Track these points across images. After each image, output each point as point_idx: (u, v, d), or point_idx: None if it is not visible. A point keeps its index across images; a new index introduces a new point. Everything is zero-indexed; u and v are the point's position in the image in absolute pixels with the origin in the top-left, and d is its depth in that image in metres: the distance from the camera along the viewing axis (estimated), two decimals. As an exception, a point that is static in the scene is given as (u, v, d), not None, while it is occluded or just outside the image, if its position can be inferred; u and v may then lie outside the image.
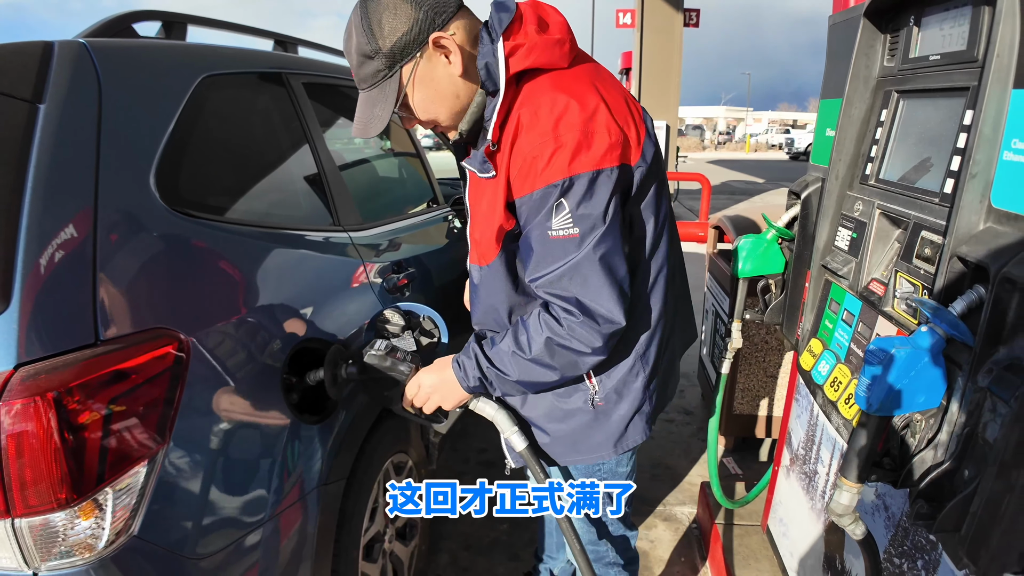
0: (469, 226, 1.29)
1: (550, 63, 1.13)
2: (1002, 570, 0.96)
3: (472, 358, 1.24)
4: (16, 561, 1.00)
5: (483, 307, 1.30)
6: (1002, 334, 0.93)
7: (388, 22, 1.08)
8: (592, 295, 1.12)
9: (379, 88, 1.13)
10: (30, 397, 0.94)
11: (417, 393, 1.32)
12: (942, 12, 1.27)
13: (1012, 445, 0.90)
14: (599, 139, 1.07)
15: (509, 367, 1.20)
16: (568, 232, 1.09)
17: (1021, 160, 0.97)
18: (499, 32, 1.10)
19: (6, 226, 1.00)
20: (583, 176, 1.06)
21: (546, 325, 1.16)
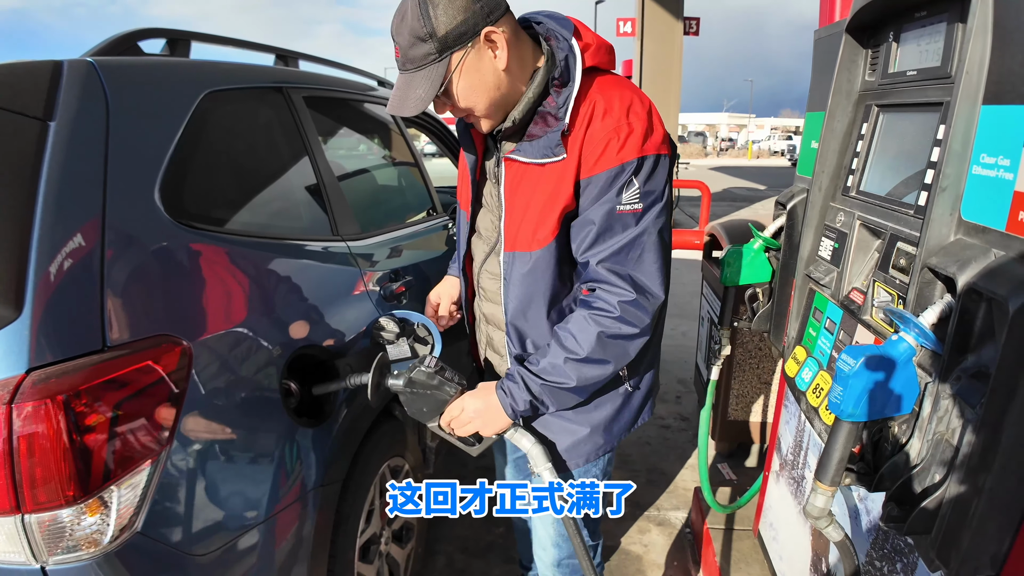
0: (505, 218, 1.33)
1: (604, 65, 1.28)
2: (975, 573, 1.00)
3: (519, 382, 1.27)
4: (25, 555, 1.05)
5: (523, 298, 1.33)
6: (969, 343, 0.97)
7: (445, 9, 1.11)
8: (645, 271, 1.23)
9: (425, 71, 1.16)
10: (41, 400, 0.99)
11: (458, 416, 1.33)
12: (919, 28, 1.32)
13: (978, 450, 0.94)
14: (657, 128, 1.24)
15: (564, 375, 1.25)
16: (633, 207, 1.21)
17: (989, 174, 1.01)
18: (569, 34, 1.24)
19: (19, 237, 1.05)
20: (650, 157, 1.21)
21: (593, 320, 1.23)
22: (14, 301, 1.02)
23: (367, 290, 1.85)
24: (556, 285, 1.30)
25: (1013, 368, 0.88)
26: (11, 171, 1.09)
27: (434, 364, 1.34)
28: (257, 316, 1.40)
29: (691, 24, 12.10)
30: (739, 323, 1.97)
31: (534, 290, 1.30)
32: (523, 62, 1.23)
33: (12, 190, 1.08)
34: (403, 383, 1.35)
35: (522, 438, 1.34)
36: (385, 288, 1.95)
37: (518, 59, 1.22)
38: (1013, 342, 0.86)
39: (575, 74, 1.21)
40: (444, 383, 1.33)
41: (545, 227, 1.25)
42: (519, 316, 1.35)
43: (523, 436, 1.34)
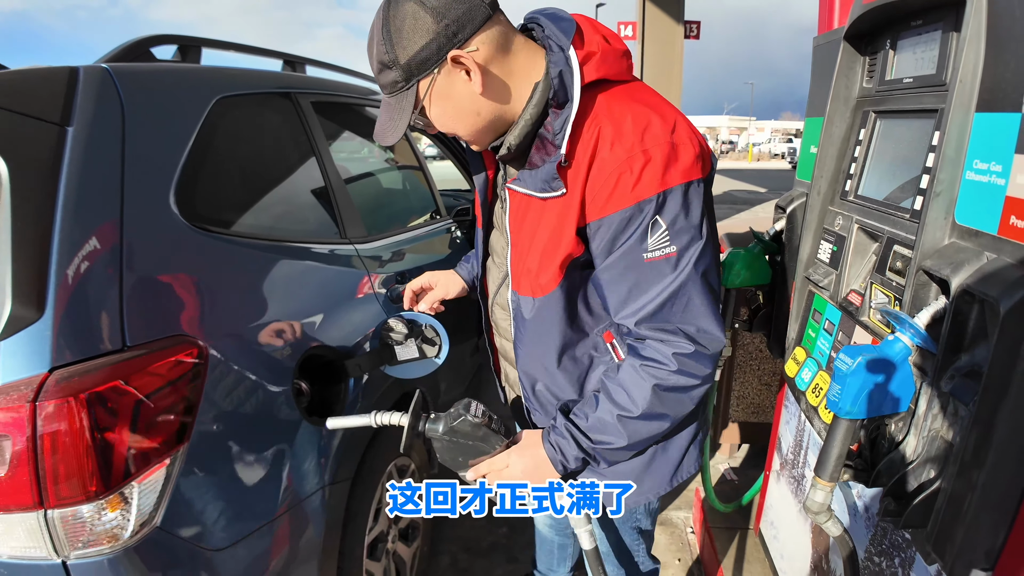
0: (510, 253, 1.19)
1: (618, 75, 1.08)
2: (970, 566, 1.03)
3: (568, 437, 1.14)
4: (46, 550, 1.08)
5: (531, 346, 1.22)
6: (962, 343, 1.01)
7: (407, 33, 1.00)
8: (698, 319, 1.05)
9: (396, 98, 1.06)
10: (64, 398, 1.02)
11: (501, 471, 1.19)
12: (915, 36, 1.35)
13: (972, 446, 0.97)
14: (684, 150, 1.02)
15: (616, 434, 1.11)
16: (665, 252, 1.02)
17: (982, 180, 1.05)
18: (567, 41, 1.04)
19: (40, 241, 1.09)
20: (676, 189, 1.00)
21: (647, 373, 1.07)
22: (36, 302, 1.06)
23: (374, 292, 1.89)
24: (567, 333, 1.17)
25: (1005, 367, 0.91)
26: (31, 175, 1.12)
27: (481, 413, 1.21)
28: (269, 317, 1.44)
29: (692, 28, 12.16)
30: (739, 325, 2.01)
31: (547, 337, 1.18)
32: (515, 78, 1.07)
33: (32, 194, 1.11)
34: (442, 430, 1.21)
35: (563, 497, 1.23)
36: (391, 290, 1.99)
37: (505, 76, 1.06)
38: (1004, 342, 0.90)
39: (572, 92, 1.03)
40: (490, 435, 1.20)
41: (546, 273, 1.11)
42: (528, 364, 1.25)
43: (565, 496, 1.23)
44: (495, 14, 1.04)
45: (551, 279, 1.11)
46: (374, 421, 1.26)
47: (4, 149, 1.10)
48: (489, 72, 1.05)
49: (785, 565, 1.97)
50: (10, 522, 1.08)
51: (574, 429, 1.14)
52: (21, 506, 1.05)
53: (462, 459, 1.23)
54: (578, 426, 1.14)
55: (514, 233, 1.18)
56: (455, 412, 1.20)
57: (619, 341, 1.18)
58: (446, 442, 1.22)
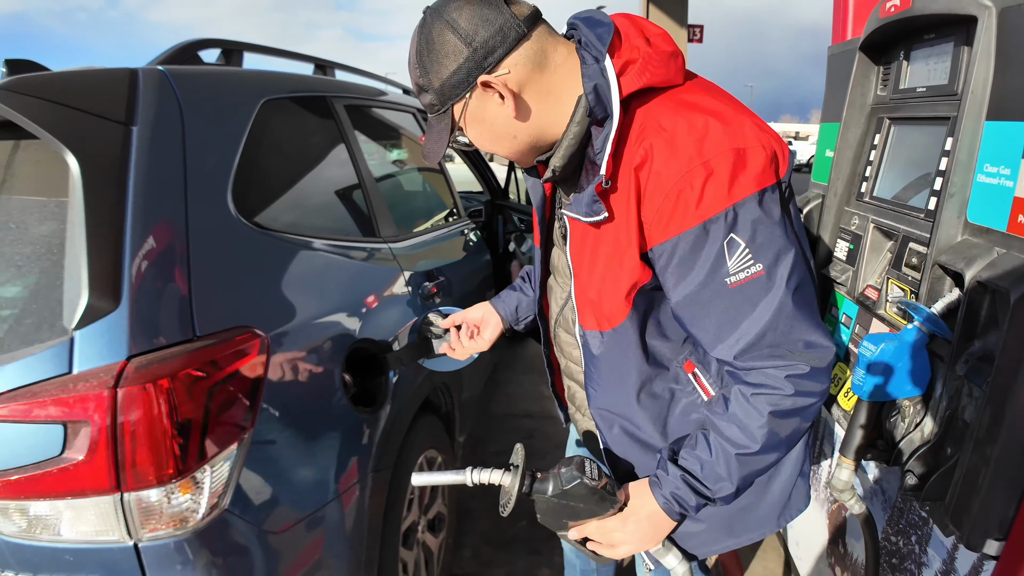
0: (574, 283, 1.10)
1: (666, 80, 0.98)
2: (984, 536, 1.11)
3: (684, 487, 1.01)
4: (120, 533, 1.14)
5: (605, 385, 1.12)
6: (976, 330, 1.09)
7: (438, 57, 0.97)
8: (805, 334, 0.92)
9: (436, 118, 1.04)
10: (143, 384, 1.09)
11: (611, 537, 1.07)
12: (928, 48, 1.44)
13: (986, 424, 1.06)
14: (753, 155, 0.90)
15: (734, 475, 0.99)
16: (750, 272, 0.90)
17: (992, 182, 1.13)
18: (602, 49, 0.96)
19: (113, 235, 1.15)
20: (749, 200, 0.89)
21: (760, 400, 0.95)
22: (112, 294, 1.13)
23: (408, 288, 1.97)
24: (643, 368, 1.07)
25: (1015, 351, 1.00)
26: (101, 173, 1.17)
27: (598, 475, 1.05)
28: (320, 312, 1.52)
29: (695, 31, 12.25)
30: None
31: (614, 374, 1.09)
32: (553, 97, 1.00)
33: (103, 190, 1.16)
34: (551, 491, 1.05)
35: (667, 553, 1.13)
36: (422, 288, 2.07)
37: (543, 96, 1.00)
38: (1015, 328, 0.98)
39: (611, 107, 0.94)
40: (604, 498, 1.05)
41: (613, 304, 1.02)
42: (603, 403, 1.15)
43: (670, 552, 1.14)
44: (532, 31, 0.97)
45: (618, 311, 1.03)
46: (469, 479, 1.11)
47: (75, 147, 1.15)
48: (523, 94, 0.99)
49: (801, 552, 2.05)
50: (80, 507, 1.13)
51: (689, 478, 1.01)
52: (98, 490, 1.11)
53: (566, 521, 1.09)
54: (692, 473, 1.01)
55: (575, 260, 1.09)
56: (568, 474, 1.05)
57: (702, 371, 1.08)
58: (553, 504, 1.06)
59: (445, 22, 0.96)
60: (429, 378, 2.02)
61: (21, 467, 1.10)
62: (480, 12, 0.95)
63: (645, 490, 1.05)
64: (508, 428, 3.63)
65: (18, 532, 1.16)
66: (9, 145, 1.31)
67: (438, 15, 0.97)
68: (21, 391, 1.09)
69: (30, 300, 1.17)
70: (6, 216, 1.24)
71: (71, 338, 1.10)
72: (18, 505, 1.14)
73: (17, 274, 1.19)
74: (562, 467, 1.06)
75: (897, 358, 1.11)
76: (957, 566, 1.22)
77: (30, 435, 1.10)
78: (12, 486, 1.10)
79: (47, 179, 1.28)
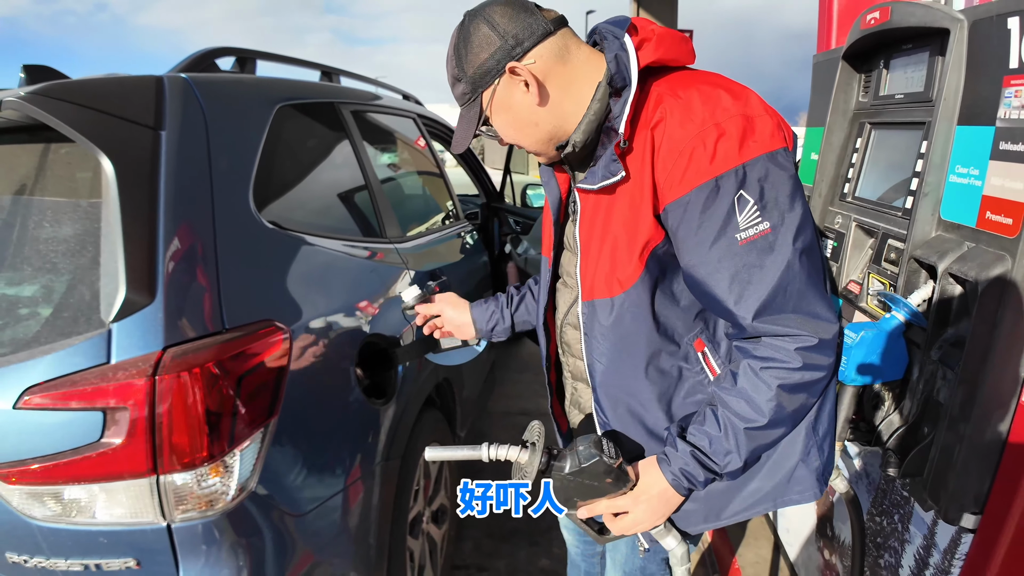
0: (580, 262, 1.14)
1: (678, 58, 1.06)
2: (961, 510, 1.20)
3: (694, 462, 1.04)
4: (154, 515, 1.21)
5: (611, 355, 1.13)
6: (948, 318, 1.19)
7: (473, 48, 1.06)
8: (812, 304, 0.95)
9: (466, 108, 1.12)
10: (179, 372, 1.17)
11: (623, 516, 1.11)
12: (906, 57, 1.54)
13: (958, 404, 1.15)
14: (761, 122, 0.95)
15: (743, 449, 1.02)
16: (759, 229, 0.93)
17: (962, 182, 1.23)
18: (620, 31, 1.05)
19: (147, 233, 1.23)
20: (758, 161, 0.93)
21: (768, 375, 0.97)
22: (147, 288, 1.20)
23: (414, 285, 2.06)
24: (653, 338, 1.09)
25: (984, 336, 1.09)
26: (134, 174, 1.24)
27: (615, 452, 1.07)
28: (335, 308, 1.60)
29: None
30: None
31: (624, 345, 1.10)
32: (575, 87, 1.07)
33: (137, 191, 1.23)
34: (568, 469, 1.07)
35: (667, 535, 1.15)
36: (426, 287, 2.15)
37: (565, 87, 1.07)
38: (983, 314, 1.08)
39: (630, 75, 1.01)
40: (620, 477, 1.07)
41: (626, 266, 1.05)
42: (609, 379, 1.15)
43: (669, 533, 1.15)
44: (559, 30, 1.07)
45: (632, 272, 1.05)
46: (486, 455, 1.14)
47: (109, 150, 1.22)
48: (547, 83, 1.06)
49: (791, 538, 2.15)
50: (116, 490, 1.20)
51: (699, 453, 1.04)
52: (135, 472, 1.18)
53: (576, 498, 1.10)
54: (700, 448, 1.04)
55: (584, 239, 1.13)
56: (587, 451, 1.06)
57: (712, 350, 1.11)
58: (568, 481, 1.07)
59: (482, 18, 1.06)
60: (434, 373, 2.10)
61: (60, 452, 1.17)
62: (513, 11, 1.06)
63: (654, 468, 1.08)
64: (506, 425, 3.71)
65: (52, 516, 1.22)
66: (39, 148, 1.38)
67: (476, 14, 1.08)
68: (61, 380, 1.16)
69: (66, 296, 1.24)
70: (40, 216, 1.32)
71: (109, 330, 1.18)
72: (53, 490, 1.21)
73: (53, 271, 1.26)
74: (579, 445, 1.06)
75: (876, 345, 1.21)
76: (937, 540, 1.31)
77: (69, 422, 1.17)
78: (51, 471, 1.17)
79: (78, 181, 1.36)
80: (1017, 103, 1.12)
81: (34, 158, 1.38)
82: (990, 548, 1.17)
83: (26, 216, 1.32)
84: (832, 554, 1.82)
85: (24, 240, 1.30)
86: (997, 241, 1.12)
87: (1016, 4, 1.12)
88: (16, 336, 1.22)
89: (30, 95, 1.18)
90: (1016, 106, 1.12)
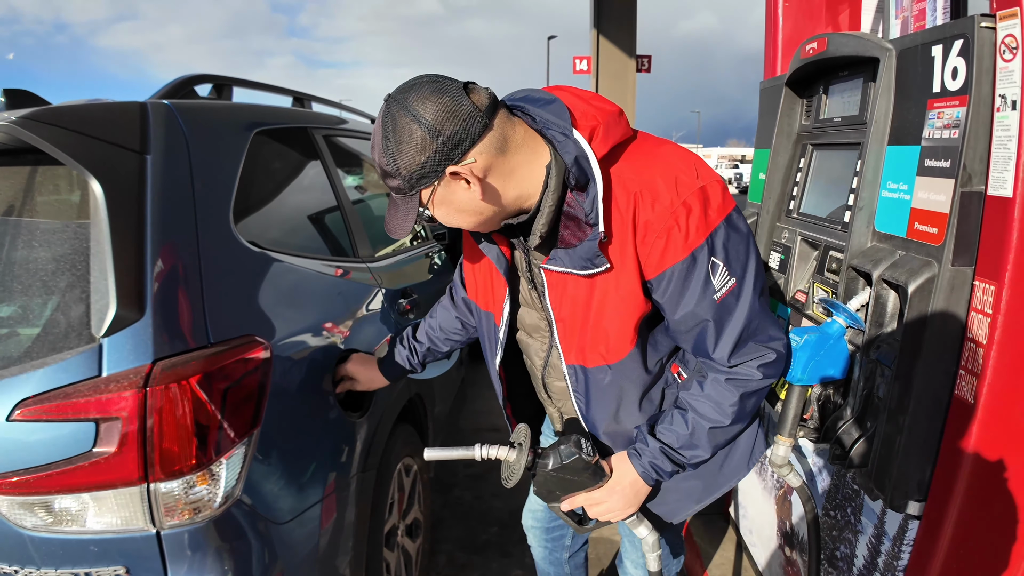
0: (558, 329, 1.23)
1: (622, 137, 1.13)
2: (906, 497, 1.30)
3: (662, 457, 1.20)
4: (144, 522, 1.25)
5: (610, 407, 1.27)
6: (883, 320, 1.31)
7: (406, 148, 1.03)
8: (768, 329, 1.14)
9: (401, 199, 1.11)
10: (169, 384, 1.22)
11: (600, 507, 1.25)
12: (843, 83, 1.68)
13: (896, 397, 1.26)
14: (712, 189, 1.09)
15: (708, 445, 1.19)
16: (728, 285, 1.09)
17: (893, 196, 1.36)
18: (567, 125, 1.08)
19: (136, 253, 1.28)
20: (720, 227, 1.08)
21: (733, 386, 1.15)
22: (137, 304, 1.25)
23: (386, 304, 2.12)
24: (645, 381, 1.25)
25: (914, 334, 1.21)
26: (123, 198, 1.29)
27: (592, 450, 1.21)
28: (312, 324, 1.66)
29: (643, 61, 12.74)
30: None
31: (622, 395, 1.24)
32: (518, 174, 1.10)
33: (125, 213, 1.28)
34: (552, 465, 1.20)
35: (640, 524, 1.32)
36: (397, 305, 2.22)
37: (507, 176, 1.09)
38: (912, 314, 1.20)
39: (592, 173, 1.07)
40: (596, 472, 1.22)
41: (622, 338, 1.17)
42: (610, 425, 1.29)
43: (642, 522, 1.32)
44: (493, 120, 1.05)
45: (627, 342, 1.18)
46: (479, 454, 1.25)
47: (98, 173, 1.26)
48: (489, 177, 1.08)
49: (754, 539, 2.25)
50: (107, 499, 1.23)
51: (668, 449, 1.19)
52: (127, 481, 1.22)
53: (559, 493, 1.24)
54: (669, 445, 1.19)
55: (557, 309, 1.21)
56: (567, 450, 1.19)
57: (683, 368, 1.27)
58: (551, 477, 1.21)
59: (411, 116, 1.01)
60: (406, 388, 2.16)
61: (53, 463, 1.21)
62: (444, 106, 1.01)
63: (625, 462, 1.23)
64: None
65: (43, 526, 1.26)
66: (24, 171, 1.42)
67: (402, 106, 1.02)
68: (55, 392, 1.20)
69: (57, 312, 1.28)
70: (28, 236, 1.36)
71: (100, 345, 1.22)
72: (44, 500, 1.24)
73: (43, 289, 1.30)
74: (561, 444, 1.21)
75: (820, 347, 1.32)
76: (887, 528, 1.42)
77: (62, 433, 1.21)
78: (45, 480, 1.21)
79: (64, 202, 1.40)
80: (940, 123, 1.25)
81: (20, 180, 1.42)
82: (936, 533, 1.27)
83: (15, 236, 1.36)
84: (792, 551, 1.92)
85: (13, 259, 1.34)
86: (924, 249, 1.24)
87: (940, 33, 1.25)
88: (9, 351, 1.26)
89: (22, 119, 1.23)
90: (939, 126, 1.25)
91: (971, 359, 1.19)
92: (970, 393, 1.19)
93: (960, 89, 1.20)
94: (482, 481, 3.35)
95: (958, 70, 1.20)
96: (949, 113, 1.22)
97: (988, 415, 1.17)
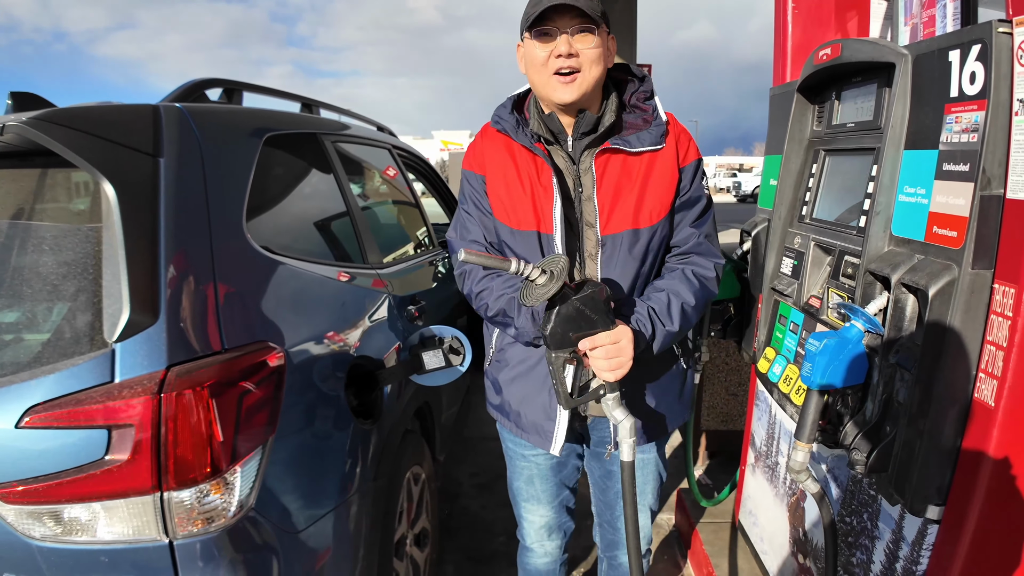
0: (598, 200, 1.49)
1: None
2: (926, 502, 1.29)
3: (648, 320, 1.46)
4: (156, 532, 1.22)
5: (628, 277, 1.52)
6: (903, 324, 1.30)
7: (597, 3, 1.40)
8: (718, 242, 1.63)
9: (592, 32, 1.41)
10: (184, 390, 1.20)
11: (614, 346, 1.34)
12: (855, 89, 1.68)
13: (916, 402, 1.25)
14: None
15: (676, 319, 1.48)
16: (706, 187, 1.60)
17: (911, 200, 1.35)
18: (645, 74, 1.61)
19: (149, 256, 1.26)
20: None
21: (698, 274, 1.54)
22: (151, 308, 1.24)
23: (396, 310, 2.11)
24: (656, 264, 1.56)
25: (936, 338, 1.20)
26: (136, 201, 1.28)
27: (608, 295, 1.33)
28: (325, 330, 1.65)
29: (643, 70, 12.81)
30: (715, 333, 2.29)
31: (639, 270, 1.51)
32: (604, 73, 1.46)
33: (139, 216, 1.27)
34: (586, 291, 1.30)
35: (618, 407, 1.39)
36: (406, 311, 2.21)
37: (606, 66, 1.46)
38: (933, 317, 1.19)
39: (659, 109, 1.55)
40: (609, 314, 1.32)
41: (661, 205, 1.49)
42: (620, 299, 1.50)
43: (620, 405, 1.39)
44: None
45: (664, 208, 1.51)
46: (515, 267, 1.25)
47: (111, 176, 1.25)
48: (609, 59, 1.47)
49: (766, 547, 2.23)
50: (119, 508, 1.21)
51: (652, 313, 1.47)
52: (140, 489, 1.20)
53: (572, 333, 1.32)
54: (654, 309, 1.47)
55: (606, 188, 1.49)
56: (590, 286, 1.31)
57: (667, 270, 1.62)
58: (574, 310, 1.30)
59: None
60: (415, 396, 2.15)
61: (64, 471, 1.19)
62: None
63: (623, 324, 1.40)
64: (482, 450, 3.75)
65: (52, 536, 1.23)
66: (34, 173, 1.40)
67: None
68: (65, 399, 1.18)
69: (67, 317, 1.27)
70: (39, 239, 1.34)
71: (112, 350, 1.21)
72: (53, 509, 1.22)
73: (54, 293, 1.29)
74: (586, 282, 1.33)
75: (838, 351, 1.31)
76: (905, 534, 1.40)
77: (73, 440, 1.19)
78: (55, 489, 1.19)
79: (75, 205, 1.39)
80: (958, 128, 1.24)
81: (29, 183, 1.41)
82: (955, 537, 1.25)
83: (24, 239, 1.35)
84: (806, 558, 1.90)
85: (22, 263, 1.32)
86: (944, 252, 1.24)
87: (957, 39, 1.25)
88: (18, 357, 1.24)
89: (33, 120, 1.21)
90: (957, 131, 1.24)
91: (991, 362, 1.18)
92: (990, 396, 1.18)
93: (979, 93, 1.19)
94: (488, 491, 3.33)
95: (976, 75, 1.20)
96: (967, 117, 1.22)
97: (1008, 417, 1.16)
